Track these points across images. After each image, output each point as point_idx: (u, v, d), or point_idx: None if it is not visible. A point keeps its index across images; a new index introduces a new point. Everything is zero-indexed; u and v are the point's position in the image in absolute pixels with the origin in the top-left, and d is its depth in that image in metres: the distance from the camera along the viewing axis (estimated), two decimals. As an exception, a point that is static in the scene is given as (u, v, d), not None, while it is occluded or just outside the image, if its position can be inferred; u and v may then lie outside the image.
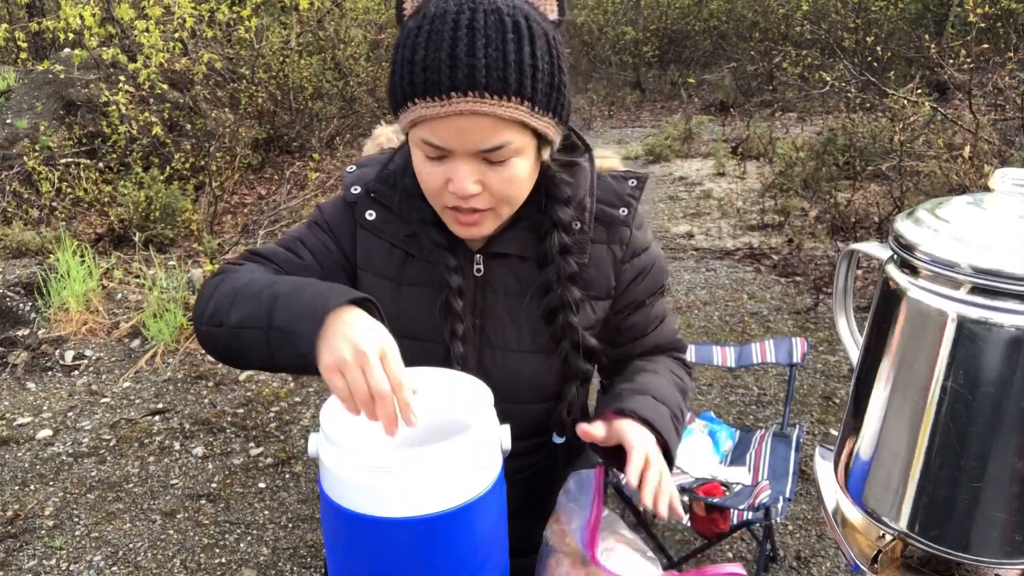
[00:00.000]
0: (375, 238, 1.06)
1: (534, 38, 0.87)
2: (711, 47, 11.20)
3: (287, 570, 2.39)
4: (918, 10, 8.95)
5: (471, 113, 0.85)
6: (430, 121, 0.87)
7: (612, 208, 1.06)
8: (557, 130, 0.95)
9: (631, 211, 1.06)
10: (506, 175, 0.91)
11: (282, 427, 3.16)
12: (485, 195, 0.93)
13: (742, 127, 7.73)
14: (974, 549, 0.81)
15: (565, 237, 1.02)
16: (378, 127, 2.65)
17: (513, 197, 0.95)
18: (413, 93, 0.87)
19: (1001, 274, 0.74)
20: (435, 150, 0.90)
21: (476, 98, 0.84)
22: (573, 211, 1.02)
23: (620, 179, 1.08)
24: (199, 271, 4.42)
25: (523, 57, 0.85)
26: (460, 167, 0.90)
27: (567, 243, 1.02)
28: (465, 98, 0.84)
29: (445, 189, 0.92)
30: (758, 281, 4.51)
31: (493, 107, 0.85)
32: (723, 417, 2.99)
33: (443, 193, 0.93)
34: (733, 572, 0.88)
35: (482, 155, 0.89)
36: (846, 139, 5.81)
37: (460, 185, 0.90)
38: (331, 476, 0.82)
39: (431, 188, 0.94)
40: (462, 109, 0.85)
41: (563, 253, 1.02)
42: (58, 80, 6.18)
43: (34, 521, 2.62)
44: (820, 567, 2.33)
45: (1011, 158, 4.18)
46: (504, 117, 0.86)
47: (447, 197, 0.93)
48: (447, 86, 0.84)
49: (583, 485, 0.96)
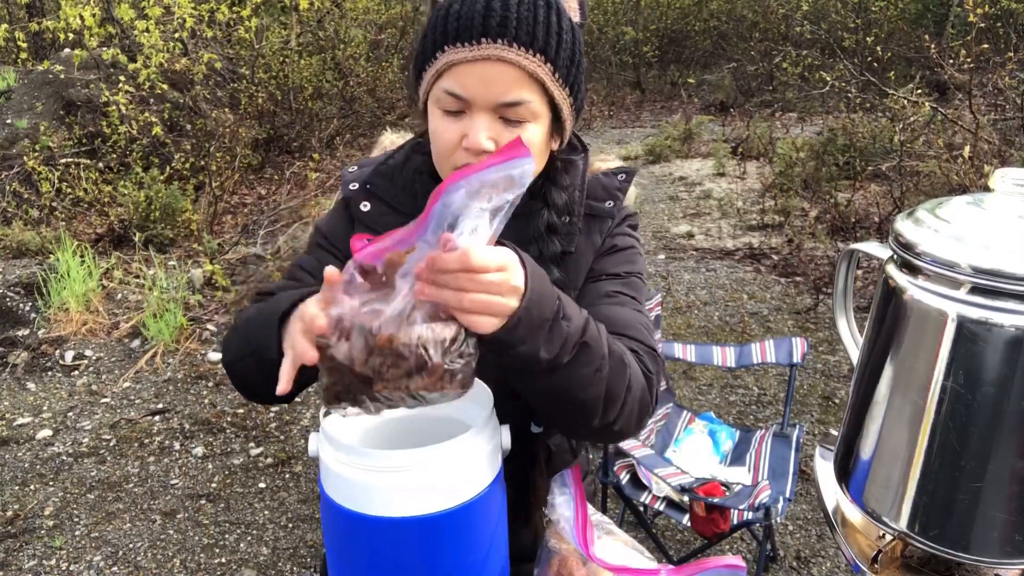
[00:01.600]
0: (369, 231, 1.07)
1: (561, 15, 0.94)
2: (711, 47, 11.20)
3: (287, 570, 2.39)
4: (918, 10, 8.95)
5: (498, 60, 0.90)
6: (456, 67, 0.91)
7: (599, 202, 1.09)
8: (570, 112, 0.99)
9: (616, 203, 1.10)
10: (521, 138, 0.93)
11: (282, 427, 3.16)
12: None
13: (742, 127, 7.72)
14: (974, 549, 0.81)
15: (554, 217, 1.03)
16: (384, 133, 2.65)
17: None
18: (444, 41, 0.92)
19: (1001, 274, 0.74)
20: (455, 102, 0.93)
21: (504, 45, 0.90)
22: (567, 200, 1.05)
23: (610, 175, 1.12)
24: (199, 271, 4.42)
25: (551, 23, 0.92)
26: (477, 121, 0.93)
27: (555, 223, 1.04)
28: (494, 44, 0.89)
29: (459, 147, 0.94)
30: (758, 281, 4.50)
31: (519, 57, 0.90)
32: (723, 417, 2.99)
33: (456, 151, 0.95)
34: (732, 563, 0.88)
35: (501, 110, 0.93)
36: (846, 139, 5.81)
37: (474, 138, 0.92)
38: (331, 476, 0.82)
39: (444, 146, 0.96)
40: (490, 54, 0.90)
41: (549, 232, 1.03)
42: (58, 80, 6.18)
43: (34, 521, 2.62)
44: (820, 567, 2.33)
45: (1011, 158, 4.18)
46: (528, 70, 0.91)
47: (459, 156, 0.95)
48: (479, 32, 0.90)
49: (564, 486, 0.97)
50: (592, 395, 0.85)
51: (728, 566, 0.88)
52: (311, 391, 3.41)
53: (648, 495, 2.06)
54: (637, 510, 2.15)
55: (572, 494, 0.94)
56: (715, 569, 0.89)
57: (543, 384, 0.83)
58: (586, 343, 0.82)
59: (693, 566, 0.90)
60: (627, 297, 1.04)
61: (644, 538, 2.14)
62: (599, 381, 0.85)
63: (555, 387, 0.83)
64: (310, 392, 3.41)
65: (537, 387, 0.84)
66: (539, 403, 0.89)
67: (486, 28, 0.89)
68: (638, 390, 0.90)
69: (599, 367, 0.84)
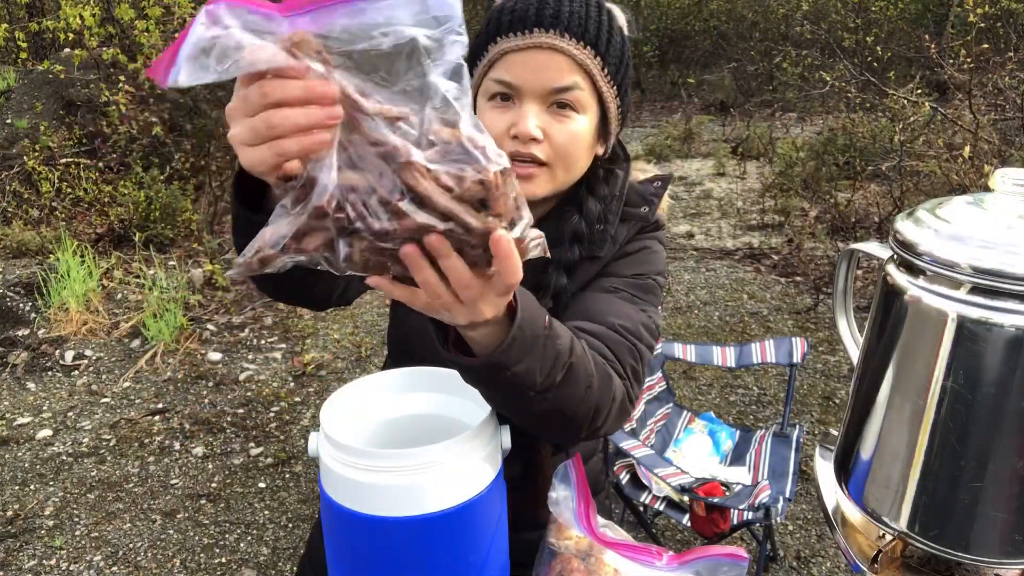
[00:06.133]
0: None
1: (613, 18, 0.98)
2: (711, 47, 11.18)
3: (287, 570, 2.39)
4: (918, 10, 8.94)
5: (550, 48, 0.92)
6: (508, 56, 0.94)
7: (635, 208, 1.09)
8: (617, 115, 1.00)
9: (651, 208, 1.10)
10: (569, 128, 0.95)
11: (282, 427, 3.16)
12: (545, 145, 0.95)
13: (742, 127, 7.72)
14: (974, 549, 0.81)
15: (583, 226, 1.03)
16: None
17: (571, 156, 0.97)
18: (497, 32, 0.95)
19: (1001, 274, 0.74)
20: (506, 88, 0.94)
21: (556, 35, 0.92)
22: (601, 210, 1.05)
23: (647, 183, 1.13)
24: (199, 271, 4.42)
25: (602, 21, 0.95)
26: (526, 109, 0.94)
27: (582, 232, 1.03)
28: (547, 33, 0.92)
29: (507, 136, 0.95)
30: (758, 281, 4.50)
31: (570, 46, 0.93)
32: (723, 417, 2.99)
33: (504, 140, 0.95)
34: (734, 553, 0.88)
35: (551, 98, 0.94)
36: (846, 139, 5.81)
37: (523, 126, 0.93)
38: (331, 476, 0.82)
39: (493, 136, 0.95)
40: (542, 42, 0.92)
41: (573, 240, 1.03)
42: (58, 80, 6.17)
43: (34, 521, 2.62)
44: (820, 567, 2.33)
45: (1011, 158, 4.18)
46: (578, 60, 0.93)
47: (507, 144, 0.95)
48: (532, 22, 0.93)
49: (565, 478, 0.96)
50: (583, 411, 0.84)
51: (730, 555, 0.88)
52: (311, 391, 3.41)
53: (648, 495, 2.06)
54: (637, 510, 2.15)
55: (574, 481, 0.94)
56: (717, 558, 0.89)
57: (536, 408, 0.80)
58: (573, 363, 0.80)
59: (696, 552, 0.90)
60: (627, 294, 1.03)
61: (644, 538, 2.14)
62: (589, 397, 0.83)
63: (548, 409, 0.80)
64: (310, 392, 3.41)
65: (531, 410, 0.81)
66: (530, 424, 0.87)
67: (540, 18, 0.92)
68: (620, 395, 0.90)
69: (589, 384, 0.83)
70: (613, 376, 0.89)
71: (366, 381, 0.96)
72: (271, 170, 0.58)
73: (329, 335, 3.95)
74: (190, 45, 0.52)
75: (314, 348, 3.81)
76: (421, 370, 0.95)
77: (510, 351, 0.72)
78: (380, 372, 0.98)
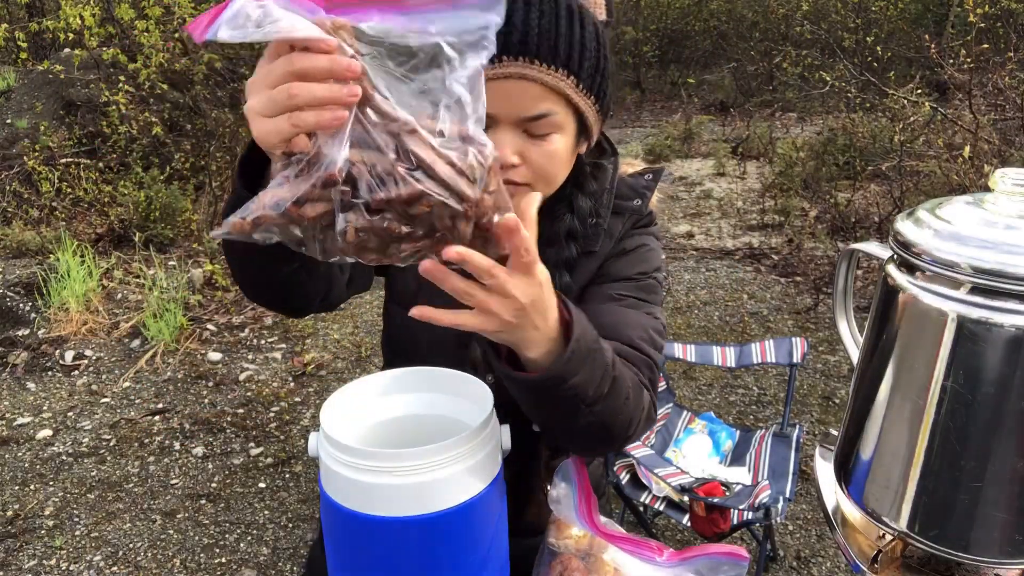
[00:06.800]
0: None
1: (584, 22, 0.92)
2: (711, 47, 11.18)
3: (287, 570, 2.39)
4: (918, 10, 8.94)
5: (519, 77, 0.88)
6: None
7: (627, 200, 1.09)
8: (597, 118, 0.98)
9: (644, 201, 1.10)
10: (546, 150, 0.93)
11: (282, 427, 3.16)
12: (524, 169, 0.94)
13: (742, 127, 7.72)
14: (974, 549, 0.81)
15: (575, 223, 1.03)
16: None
17: (551, 175, 0.96)
18: None
19: (1001, 274, 0.74)
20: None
21: (525, 63, 0.88)
22: (592, 205, 1.05)
23: (638, 176, 1.13)
24: (199, 271, 4.42)
25: (573, 34, 0.90)
26: (501, 136, 0.91)
27: (575, 229, 1.03)
28: (515, 62, 0.88)
29: None
30: (758, 281, 4.50)
31: (541, 73, 0.89)
32: (723, 417, 2.99)
33: None
34: (734, 552, 0.88)
35: (524, 124, 0.91)
36: (846, 139, 5.81)
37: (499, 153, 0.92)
38: (331, 476, 0.82)
39: None
40: (511, 72, 0.88)
41: (568, 238, 1.03)
42: (58, 80, 6.17)
43: (34, 521, 2.62)
44: (820, 567, 2.33)
45: (1011, 158, 4.18)
46: (550, 85, 0.89)
47: None
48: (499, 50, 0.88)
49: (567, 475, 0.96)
50: (621, 422, 0.86)
51: (730, 555, 0.88)
52: (311, 391, 3.41)
53: (648, 495, 2.06)
54: (637, 510, 2.15)
55: (575, 478, 0.94)
56: (718, 557, 0.89)
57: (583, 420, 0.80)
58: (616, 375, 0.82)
59: (697, 550, 0.90)
60: (633, 299, 1.04)
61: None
62: (627, 409, 0.85)
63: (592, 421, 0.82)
64: (310, 392, 3.41)
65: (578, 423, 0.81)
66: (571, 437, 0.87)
67: (506, 46, 0.88)
68: (647, 405, 0.92)
69: (627, 395, 0.85)
70: (642, 387, 0.91)
71: (366, 381, 0.96)
72: (282, 143, 0.58)
73: (329, 335, 3.95)
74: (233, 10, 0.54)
75: (314, 348, 3.81)
76: (421, 370, 0.95)
77: (570, 363, 0.74)
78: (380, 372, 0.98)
